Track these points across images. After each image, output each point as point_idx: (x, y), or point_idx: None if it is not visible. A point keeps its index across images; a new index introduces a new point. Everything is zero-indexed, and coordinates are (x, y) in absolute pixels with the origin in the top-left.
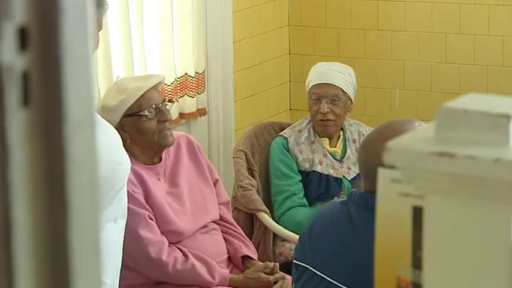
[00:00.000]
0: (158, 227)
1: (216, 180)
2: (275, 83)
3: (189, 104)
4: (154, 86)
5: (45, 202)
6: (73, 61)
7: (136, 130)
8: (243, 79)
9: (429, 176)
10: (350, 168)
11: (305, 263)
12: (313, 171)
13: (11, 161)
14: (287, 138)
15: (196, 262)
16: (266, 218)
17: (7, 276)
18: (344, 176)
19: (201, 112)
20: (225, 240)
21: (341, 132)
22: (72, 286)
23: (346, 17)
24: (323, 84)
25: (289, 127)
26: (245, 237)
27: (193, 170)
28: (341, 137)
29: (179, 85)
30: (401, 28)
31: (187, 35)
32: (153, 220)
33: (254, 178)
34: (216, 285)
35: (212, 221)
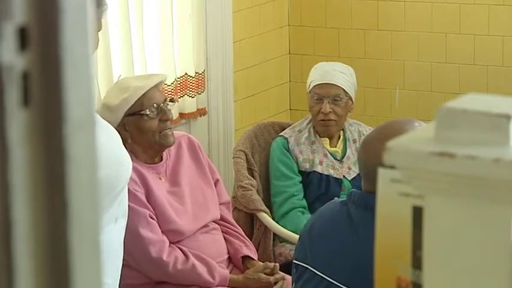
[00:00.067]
0: (159, 226)
1: (217, 180)
2: (275, 83)
3: (189, 104)
4: (156, 85)
5: (45, 202)
6: (73, 61)
7: (137, 129)
8: (243, 79)
9: (429, 176)
10: (350, 168)
11: (305, 263)
12: (313, 171)
13: (11, 161)
14: (287, 138)
15: (196, 262)
16: (266, 218)
17: (7, 276)
18: (344, 176)
19: (201, 112)
20: (225, 240)
21: (341, 132)
22: (72, 286)
23: (346, 17)
24: (325, 84)
25: (289, 127)
26: (245, 237)
27: (194, 170)
28: (341, 137)
29: (179, 85)
30: (401, 28)
31: (187, 35)
32: (154, 219)
33: (254, 178)
34: (216, 285)
35: (213, 221)
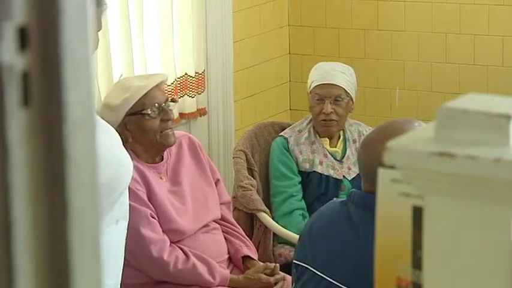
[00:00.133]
0: (160, 226)
1: (217, 179)
2: (275, 83)
3: (189, 104)
4: (157, 85)
5: (45, 202)
6: (73, 61)
7: (138, 129)
8: (243, 79)
9: (429, 176)
10: (350, 168)
11: (305, 263)
12: (313, 171)
13: (11, 161)
14: (287, 138)
15: (197, 262)
16: (266, 218)
17: (7, 276)
18: (344, 176)
19: (201, 112)
20: (226, 240)
21: (341, 132)
22: (72, 286)
23: (346, 17)
24: (326, 84)
25: (289, 127)
26: (246, 237)
27: (194, 169)
28: (341, 137)
29: (179, 85)
30: (401, 28)
31: (187, 35)
32: (155, 219)
33: (254, 178)
34: (217, 285)
35: (213, 220)
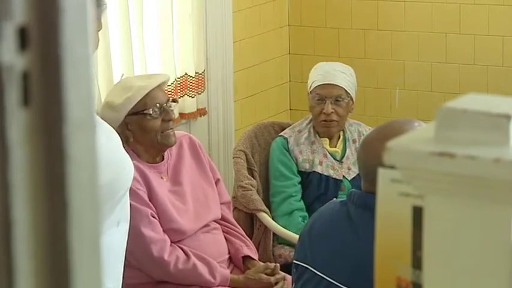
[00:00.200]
0: (160, 225)
1: (218, 179)
2: (275, 83)
3: (189, 104)
4: (159, 86)
5: (45, 202)
6: (73, 61)
7: (140, 128)
8: (243, 79)
9: (429, 176)
10: (350, 168)
11: (305, 263)
12: (313, 171)
13: (11, 161)
14: (287, 138)
15: (197, 262)
16: (266, 218)
17: (7, 276)
18: (344, 176)
19: (201, 112)
20: (226, 240)
21: (341, 132)
22: (72, 286)
23: (346, 17)
24: (327, 84)
25: (289, 127)
26: (246, 237)
27: (195, 169)
28: (341, 137)
29: (179, 85)
30: (401, 28)
31: (187, 35)
32: (156, 218)
33: (254, 178)
34: (217, 285)
35: (214, 220)
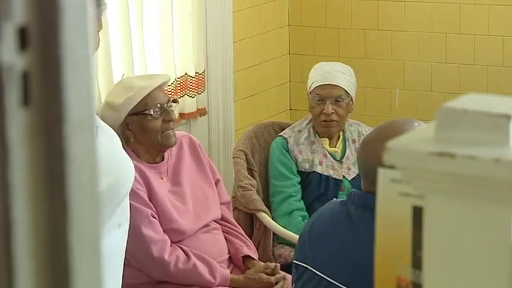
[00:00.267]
0: (160, 226)
1: (217, 180)
2: (275, 83)
3: (189, 104)
4: (159, 86)
5: (45, 202)
6: (73, 61)
7: (140, 129)
8: (243, 79)
9: (429, 176)
10: (350, 168)
11: (305, 263)
12: (313, 171)
13: (11, 161)
14: (287, 138)
15: (197, 262)
16: (266, 218)
17: (7, 276)
18: (344, 177)
19: (201, 112)
20: (226, 240)
21: (341, 132)
22: (72, 286)
23: (346, 17)
24: (327, 85)
25: (289, 127)
26: (246, 237)
27: (195, 169)
28: (341, 137)
29: (179, 85)
30: (401, 28)
31: (187, 35)
32: (156, 218)
33: (254, 178)
34: (217, 285)
35: (213, 220)
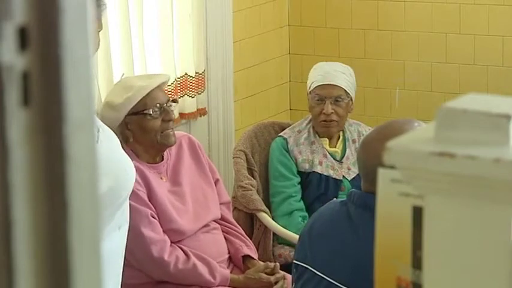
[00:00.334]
0: (160, 226)
1: (217, 180)
2: (275, 83)
3: (189, 104)
4: (159, 86)
5: (45, 202)
6: (73, 61)
7: (140, 128)
8: (243, 79)
9: (429, 176)
10: (350, 168)
11: (305, 263)
12: (312, 172)
13: (11, 161)
14: (286, 138)
15: (197, 262)
16: (266, 218)
17: (7, 276)
18: (344, 177)
19: (201, 112)
20: (226, 239)
21: (341, 132)
22: (72, 286)
23: (346, 17)
24: (327, 85)
25: (288, 128)
26: (246, 237)
27: (194, 169)
28: (341, 137)
29: (179, 85)
30: (401, 28)
31: (187, 35)
32: (156, 219)
33: (254, 178)
34: (217, 285)
35: (213, 220)
